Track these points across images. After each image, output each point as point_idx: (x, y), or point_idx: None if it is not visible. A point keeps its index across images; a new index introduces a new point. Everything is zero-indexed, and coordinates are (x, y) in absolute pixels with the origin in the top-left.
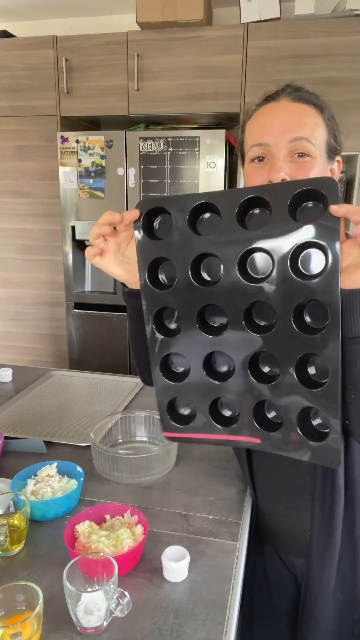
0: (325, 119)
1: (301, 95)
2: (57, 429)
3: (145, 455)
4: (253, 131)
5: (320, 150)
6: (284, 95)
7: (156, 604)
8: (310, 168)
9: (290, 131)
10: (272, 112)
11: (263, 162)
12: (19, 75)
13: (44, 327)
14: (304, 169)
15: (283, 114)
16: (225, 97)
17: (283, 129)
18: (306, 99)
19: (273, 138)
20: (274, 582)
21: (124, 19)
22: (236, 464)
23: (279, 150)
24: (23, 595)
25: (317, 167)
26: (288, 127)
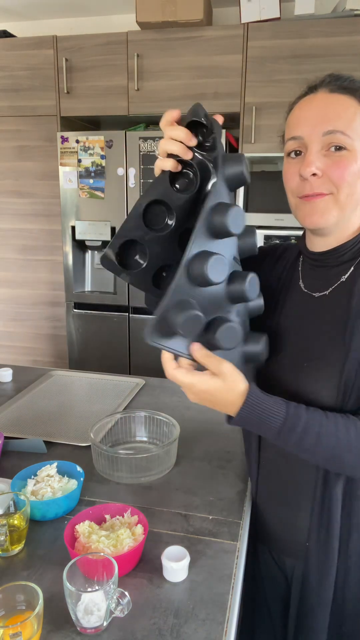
0: None
1: (340, 85)
2: (57, 429)
3: (145, 455)
4: (289, 124)
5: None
6: (322, 86)
7: (156, 604)
8: (346, 163)
9: (324, 123)
10: (309, 104)
11: (299, 156)
12: (19, 75)
13: (44, 327)
14: (339, 164)
15: (319, 106)
16: (225, 97)
17: (317, 121)
18: (346, 88)
19: (306, 131)
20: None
21: (124, 19)
22: (236, 464)
23: (312, 143)
24: (23, 595)
25: (356, 162)
26: (322, 120)
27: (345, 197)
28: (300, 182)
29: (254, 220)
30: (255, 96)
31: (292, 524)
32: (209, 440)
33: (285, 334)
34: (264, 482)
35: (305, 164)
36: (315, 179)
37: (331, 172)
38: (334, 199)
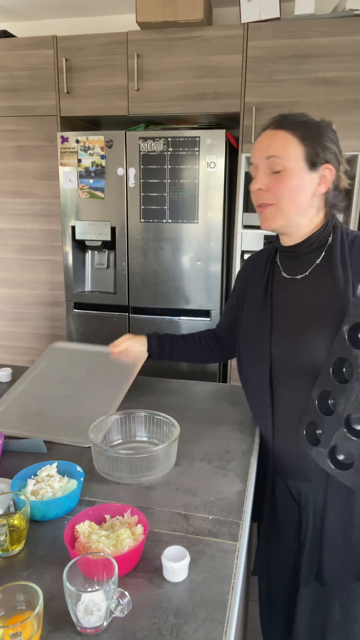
0: (299, 137)
1: (280, 123)
2: (57, 429)
3: (145, 455)
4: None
5: (296, 164)
6: (269, 127)
7: (156, 604)
8: (284, 180)
9: (266, 151)
10: (259, 139)
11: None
12: (19, 75)
13: (44, 327)
14: (279, 182)
15: (263, 139)
16: (225, 97)
17: (261, 150)
18: (282, 125)
19: (256, 158)
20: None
21: (124, 19)
22: (236, 464)
23: (260, 166)
24: (23, 595)
25: (292, 179)
26: (265, 149)
27: (288, 204)
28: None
29: (254, 220)
30: (255, 96)
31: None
32: (209, 440)
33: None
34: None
35: (254, 182)
36: (261, 192)
37: (273, 187)
38: (277, 208)
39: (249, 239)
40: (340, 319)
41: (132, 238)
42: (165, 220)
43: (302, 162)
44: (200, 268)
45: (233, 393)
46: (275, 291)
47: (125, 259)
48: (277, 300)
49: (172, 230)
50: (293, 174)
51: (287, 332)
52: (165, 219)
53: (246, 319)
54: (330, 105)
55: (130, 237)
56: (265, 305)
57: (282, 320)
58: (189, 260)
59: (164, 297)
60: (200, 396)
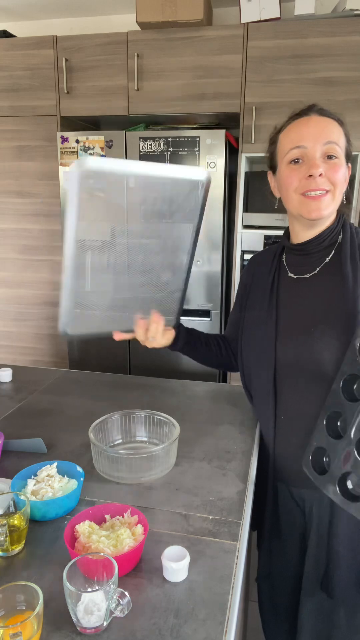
0: (344, 131)
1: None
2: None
3: (145, 455)
4: (290, 138)
5: (342, 155)
6: (312, 112)
7: (156, 604)
8: (338, 168)
9: (324, 136)
10: (307, 122)
11: (299, 163)
12: (19, 75)
13: (45, 327)
14: (335, 168)
15: (316, 124)
16: (225, 97)
17: (317, 135)
18: (330, 115)
19: (310, 142)
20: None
21: (124, 19)
22: (236, 464)
23: (316, 151)
24: (23, 595)
25: (342, 168)
26: (321, 134)
27: (338, 194)
28: (305, 181)
29: (254, 220)
30: (255, 96)
31: None
32: (209, 440)
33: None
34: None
35: (315, 167)
36: (320, 178)
37: (330, 174)
38: (332, 195)
39: (249, 239)
40: (349, 320)
41: None
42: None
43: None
44: (200, 268)
45: (233, 393)
46: (282, 291)
47: None
48: (283, 301)
49: None
50: (343, 164)
51: (294, 333)
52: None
53: (249, 320)
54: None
55: None
56: (270, 305)
57: (288, 321)
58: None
59: None
60: (200, 396)
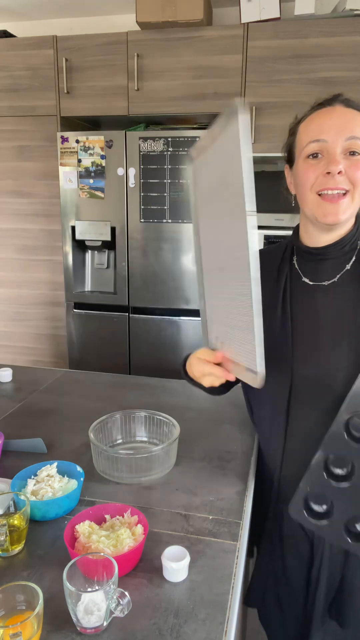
0: None
1: (352, 104)
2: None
3: (145, 455)
4: (310, 130)
5: None
6: (337, 102)
7: (156, 604)
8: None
9: (347, 130)
10: (329, 113)
11: (318, 158)
12: (19, 75)
13: (44, 327)
14: (357, 166)
15: (340, 116)
16: (225, 97)
17: (340, 128)
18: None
19: (331, 135)
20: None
21: (124, 19)
22: (236, 464)
23: (336, 146)
24: (23, 595)
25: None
26: (344, 127)
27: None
28: (323, 178)
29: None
30: (255, 96)
31: None
32: (209, 440)
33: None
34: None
35: (334, 163)
36: (339, 176)
37: (350, 172)
38: (351, 197)
39: None
40: None
41: (132, 238)
42: (165, 220)
43: None
44: None
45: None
46: (296, 300)
47: (125, 259)
48: (299, 311)
49: (172, 230)
50: None
51: (313, 347)
52: (165, 219)
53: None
54: None
55: (130, 237)
56: (284, 316)
57: (306, 334)
58: (189, 260)
59: (164, 297)
60: (200, 396)
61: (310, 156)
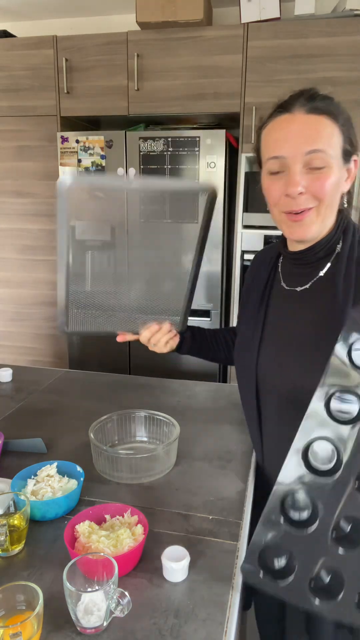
0: (340, 125)
1: (315, 107)
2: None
3: (145, 455)
4: (269, 142)
5: (336, 158)
6: (298, 106)
7: (156, 604)
8: (326, 178)
9: (306, 144)
10: (287, 125)
11: (279, 175)
12: (19, 75)
13: (44, 327)
14: (320, 180)
15: (299, 127)
16: (225, 97)
17: (299, 142)
18: (320, 109)
19: (289, 151)
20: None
21: (124, 19)
22: (236, 464)
23: (296, 163)
24: (23, 595)
25: (333, 176)
26: (304, 141)
27: (325, 208)
28: (285, 199)
29: (254, 220)
30: (255, 96)
31: None
32: (209, 440)
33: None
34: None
35: (292, 184)
36: (300, 196)
37: (314, 187)
38: (317, 212)
39: (249, 239)
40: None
41: None
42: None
43: (340, 156)
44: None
45: (233, 393)
46: (272, 304)
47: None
48: (272, 315)
49: None
50: (335, 171)
51: (275, 352)
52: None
53: (239, 331)
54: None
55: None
56: (258, 318)
57: (272, 338)
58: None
59: None
60: (200, 396)
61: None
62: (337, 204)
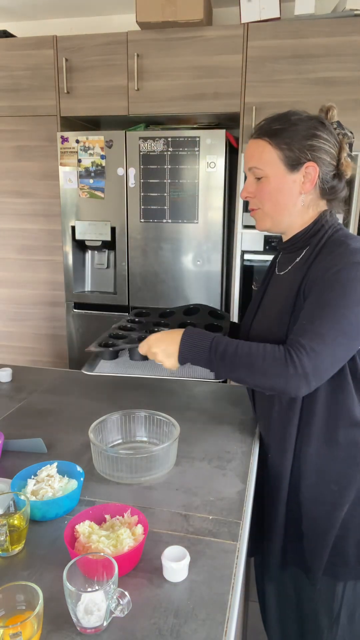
0: (274, 144)
1: (259, 132)
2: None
3: (145, 455)
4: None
5: (274, 169)
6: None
7: (156, 604)
8: (265, 186)
9: (249, 163)
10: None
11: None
12: (19, 75)
13: (44, 327)
14: (260, 188)
15: (248, 150)
16: (225, 97)
17: (247, 161)
18: (262, 133)
19: (246, 167)
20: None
21: (124, 19)
22: (236, 464)
23: (249, 175)
24: (23, 595)
25: (272, 184)
26: (249, 160)
27: (269, 208)
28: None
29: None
30: (255, 96)
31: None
32: (209, 440)
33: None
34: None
35: (242, 192)
36: (250, 199)
37: (257, 194)
38: (263, 212)
39: (249, 239)
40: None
41: (132, 238)
42: (165, 220)
43: (282, 166)
44: (200, 268)
45: (233, 393)
46: (269, 287)
47: (125, 259)
48: (266, 295)
49: (172, 230)
50: (272, 180)
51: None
52: (165, 219)
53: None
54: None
55: (130, 237)
56: (256, 298)
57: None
58: (189, 260)
59: (164, 297)
60: (200, 396)
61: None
62: (292, 205)
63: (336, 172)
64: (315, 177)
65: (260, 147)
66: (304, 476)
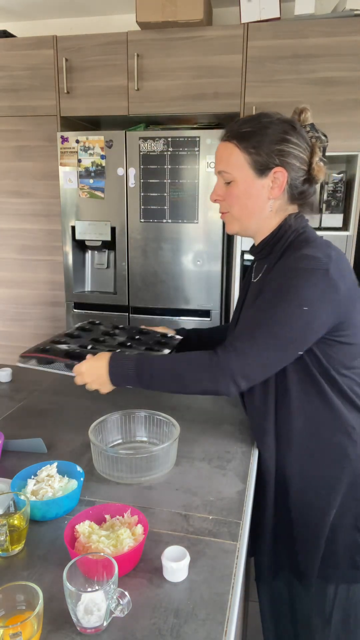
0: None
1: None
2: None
3: (145, 455)
4: None
5: (242, 173)
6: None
7: (156, 604)
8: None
9: (218, 166)
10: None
11: None
12: (19, 75)
13: (44, 327)
14: (229, 192)
15: (217, 153)
16: (225, 97)
17: (216, 164)
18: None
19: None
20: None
21: (124, 19)
22: (236, 464)
23: (218, 179)
24: (23, 595)
25: (240, 188)
26: (218, 164)
27: (237, 212)
28: None
29: None
30: (255, 96)
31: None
32: (209, 440)
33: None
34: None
35: (211, 193)
36: (219, 202)
37: (226, 197)
38: (231, 215)
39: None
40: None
41: (132, 238)
42: (165, 220)
43: (250, 170)
44: (200, 268)
45: None
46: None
47: (125, 259)
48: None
49: (172, 230)
50: (241, 184)
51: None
52: (165, 219)
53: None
54: (330, 105)
55: (130, 237)
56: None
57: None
58: (189, 260)
59: (164, 297)
60: (200, 396)
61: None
62: (260, 210)
63: (307, 176)
64: (283, 182)
65: (229, 151)
66: (290, 482)
